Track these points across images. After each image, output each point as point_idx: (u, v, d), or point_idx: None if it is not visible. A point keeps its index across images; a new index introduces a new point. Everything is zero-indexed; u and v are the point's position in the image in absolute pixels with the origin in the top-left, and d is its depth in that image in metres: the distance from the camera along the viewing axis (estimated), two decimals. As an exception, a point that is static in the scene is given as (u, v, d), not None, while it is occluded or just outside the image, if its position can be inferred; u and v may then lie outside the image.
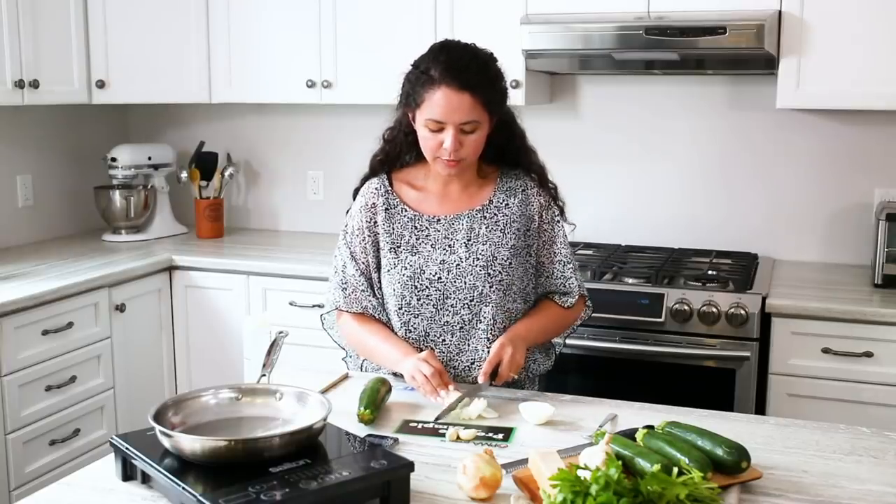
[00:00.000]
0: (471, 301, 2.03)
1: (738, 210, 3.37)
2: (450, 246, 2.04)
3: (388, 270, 2.06)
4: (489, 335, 2.03)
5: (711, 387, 2.74)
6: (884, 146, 3.18)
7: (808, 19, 2.84)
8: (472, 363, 2.04)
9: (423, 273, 2.03)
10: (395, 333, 2.07)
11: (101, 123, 3.98)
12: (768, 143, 3.31)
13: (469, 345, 2.04)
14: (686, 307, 2.75)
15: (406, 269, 2.03)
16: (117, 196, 3.72)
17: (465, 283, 2.02)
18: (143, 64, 3.55)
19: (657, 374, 2.80)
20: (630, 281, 2.90)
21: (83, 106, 3.64)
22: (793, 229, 3.32)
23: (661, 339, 2.78)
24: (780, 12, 2.85)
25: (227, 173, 3.89)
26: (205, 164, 3.85)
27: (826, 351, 2.67)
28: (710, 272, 2.97)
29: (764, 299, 2.73)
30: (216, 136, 4.00)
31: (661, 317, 2.77)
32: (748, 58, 2.90)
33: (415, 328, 2.05)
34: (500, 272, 2.03)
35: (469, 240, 2.04)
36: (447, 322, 2.04)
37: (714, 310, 2.73)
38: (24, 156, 3.63)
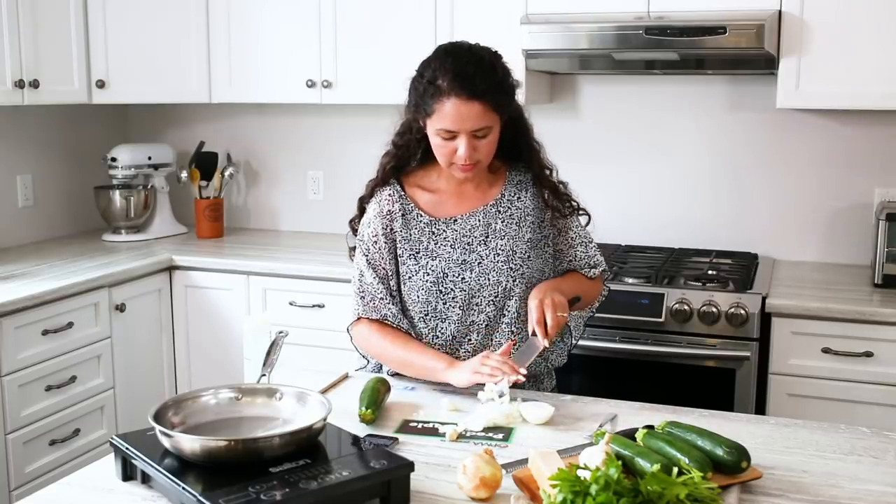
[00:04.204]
0: (496, 297, 2.04)
1: (738, 210, 3.37)
2: (468, 244, 2.04)
3: (410, 277, 2.04)
4: (513, 328, 2.05)
5: (711, 387, 2.74)
6: (884, 146, 3.18)
7: (808, 19, 2.84)
8: None
9: (447, 276, 2.03)
10: (420, 340, 2.04)
11: (101, 123, 3.98)
12: (768, 143, 3.30)
13: (493, 339, 2.06)
14: (686, 307, 2.75)
15: (429, 274, 2.03)
16: (117, 196, 3.72)
17: (490, 279, 2.03)
18: (143, 64, 3.55)
19: (657, 374, 2.80)
20: (630, 281, 2.90)
21: (83, 106, 3.64)
22: (793, 229, 3.32)
23: (661, 339, 2.78)
24: (780, 12, 2.85)
25: (227, 173, 3.89)
26: (205, 164, 3.85)
27: (826, 351, 2.67)
28: (710, 272, 2.97)
29: (764, 299, 2.73)
30: (216, 136, 4.00)
31: (661, 317, 2.77)
32: (748, 58, 2.90)
33: (442, 332, 2.04)
34: (520, 265, 2.05)
35: (487, 236, 2.05)
36: (473, 322, 2.04)
37: (714, 310, 2.73)
38: (24, 156, 3.63)
